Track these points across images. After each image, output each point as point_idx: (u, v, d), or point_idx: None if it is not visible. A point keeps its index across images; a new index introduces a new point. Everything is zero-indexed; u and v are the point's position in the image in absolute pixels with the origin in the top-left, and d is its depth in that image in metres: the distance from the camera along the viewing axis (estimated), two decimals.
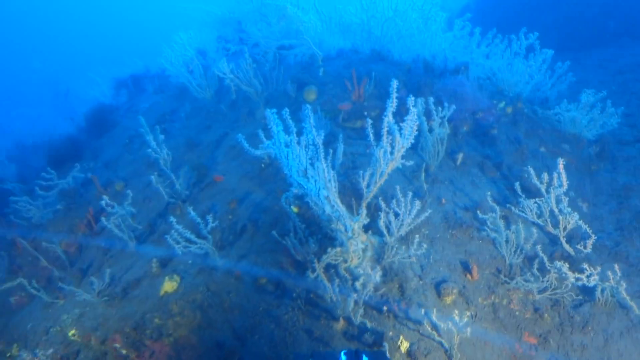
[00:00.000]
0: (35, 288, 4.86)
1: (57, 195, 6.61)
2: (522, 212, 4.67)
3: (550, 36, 10.97)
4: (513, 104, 6.18)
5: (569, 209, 4.38)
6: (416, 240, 4.03)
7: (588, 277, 3.93)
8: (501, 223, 4.38)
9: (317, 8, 7.14)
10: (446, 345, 3.60)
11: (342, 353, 2.00)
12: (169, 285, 4.15)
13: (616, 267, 4.02)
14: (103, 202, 5.01)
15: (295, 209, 4.35)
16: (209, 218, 4.33)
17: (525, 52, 6.64)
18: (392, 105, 3.59)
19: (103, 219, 5.51)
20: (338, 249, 3.76)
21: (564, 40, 11.98)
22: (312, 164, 3.84)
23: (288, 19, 6.34)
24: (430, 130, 5.15)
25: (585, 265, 3.97)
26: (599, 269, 4.03)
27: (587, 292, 4.16)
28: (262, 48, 6.60)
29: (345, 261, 3.85)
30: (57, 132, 9.05)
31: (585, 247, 4.31)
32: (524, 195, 4.66)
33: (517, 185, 4.68)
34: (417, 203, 4.06)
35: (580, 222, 4.31)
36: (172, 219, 4.22)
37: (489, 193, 4.74)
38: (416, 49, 6.96)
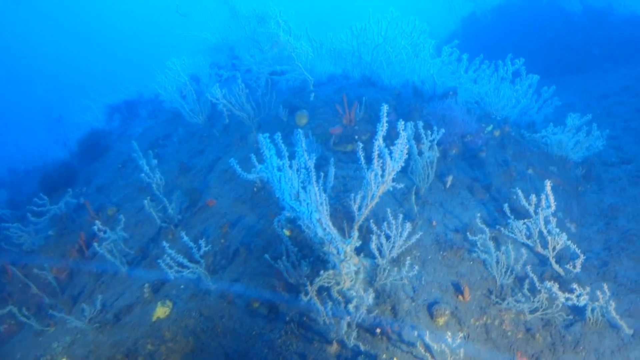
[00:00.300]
0: (26, 316, 4.83)
1: (49, 220, 6.59)
2: (512, 233, 4.73)
3: (536, 61, 11.22)
4: (501, 128, 6.30)
5: (558, 230, 4.45)
6: (408, 262, 4.07)
7: (578, 296, 3.98)
8: (491, 244, 4.43)
9: (308, 35, 7.29)
10: None
11: None
12: (161, 311, 4.15)
13: (605, 286, 4.07)
14: (95, 227, 5.02)
15: (287, 232, 4.38)
16: (202, 242, 4.36)
17: (511, 77, 6.80)
18: (382, 129, 3.67)
19: (95, 244, 5.51)
20: (330, 271, 3.80)
21: (549, 65, 12.25)
22: (304, 188, 3.89)
23: (280, 46, 6.46)
24: (420, 153, 5.23)
25: (575, 285, 4.03)
26: (588, 288, 4.09)
27: (578, 311, 4.21)
28: (255, 74, 6.70)
29: (338, 284, 3.87)
30: (49, 158, 9.08)
31: (574, 267, 4.37)
32: (512, 217, 4.73)
33: (505, 206, 4.75)
34: (408, 225, 4.12)
35: (569, 243, 4.37)
36: (164, 243, 4.23)
37: (478, 215, 4.81)
38: (405, 74, 7.10)
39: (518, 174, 5.73)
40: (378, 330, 3.77)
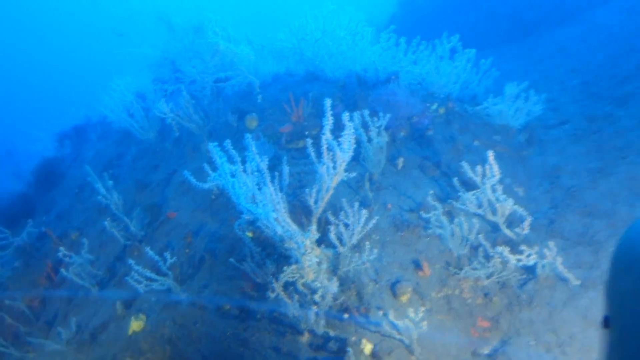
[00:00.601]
0: (3, 345, 4.87)
1: (13, 252, 6.59)
2: (463, 205, 4.96)
3: (475, 34, 11.57)
4: (445, 105, 6.54)
5: (504, 196, 4.70)
6: (367, 247, 4.26)
7: (527, 257, 4.25)
8: (445, 219, 4.66)
9: (248, 38, 7.38)
10: (406, 341, 3.83)
11: None
12: (135, 325, 4.26)
13: (551, 243, 4.34)
14: (60, 254, 5.08)
15: (249, 234, 4.52)
16: (167, 255, 4.46)
17: (450, 54, 7.04)
18: (328, 123, 3.84)
19: (62, 270, 5.54)
20: (294, 266, 3.96)
21: (488, 36, 12.62)
22: (259, 189, 4.03)
23: (221, 53, 6.54)
24: (370, 140, 5.42)
25: (524, 246, 4.30)
26: (537, 247, 4.37)
27: (530, 270, 4.47)
28: (199, 84, 6.77)
29: (302, 277, 4.04)
30: (5, 191, 8.98)
31: (523, 229, 4.63)
32: (463, 189, 4.97)
33: (455, 180, 4.99)
34: (365, 212, 4.30)
35: (516, 207, 4.63)
36: (130, 260, 4.33)
37: (431, 192, 5.04)
38: (348, 65, 7.27)
39: (465, 147, 5.99)
40: (346, 315, 3.95)
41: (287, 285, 4.07)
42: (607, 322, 1.49)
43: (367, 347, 3.77)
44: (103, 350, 4.23)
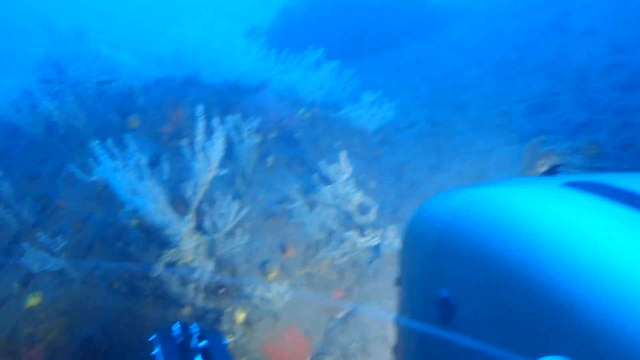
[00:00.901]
0: None
1: None
2: (322, 197, 5.82)
3: (343, 46, 12.66)
4: (310, 110, 7.40)
5: (355, 189, 5.61)
6: (239, 233, 4.95)
7: (372, 238, 5.19)
8: (306, 209, 5.47)
9: (131, 44, 7.74)
10: (273, 310, 4.58)
11: (177, 323, 2.21)
12: (33, 300, 4.60)
13: (393, 227, 5.32)
14: None
15: (135, 222, 5.01)
16: (59, 238, 4.84)
17: (316, 65, 7.94)
18: (201, 125, 4.48)
19: None
20: (174, 249, 4.55)
21: (357, 47, 13.78)
22: (140, 182, 4.56)
23: (103, 58, 6.86)
24: (242, 141, 6.10)
25: (370, 230, 5.23)
26: (381, 231, 5.32)
27: (376, 250, 5.42)
28: (83, 85, 7.04)
29: (182, 259, 4.64)
30: None
31: (370, 216, 5.57)
32: (323, 184, 5.81)
33: (315, 176, 5.82)
34: (237, 203, 4.98)
35: (364, 198, 5.56)
36: (24, 244, 4.68)
37: (296, 186, 5.83)
38: (224, 72, 7.89)
39: (327, 147, 6.87)
40: (221, 291, 4.61)
41: (168, 266, 4.64)
42: (398, 282, 1.92)
43: (241, 316, 4.46)
44: (3, 321, 4.52)
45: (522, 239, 1.24)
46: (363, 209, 5.93)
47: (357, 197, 5.62)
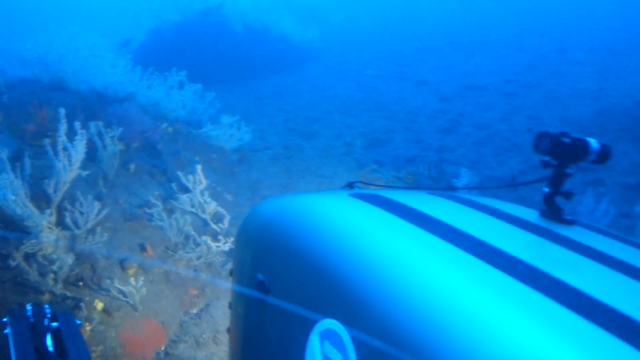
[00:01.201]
0: None
1: None
2: (181, 204, 6.26)
3: (212, 70, 13.22)
4: (173, 125, 7.84)
5: (210, 199, 6.14)
6: (100, 231, 5.23)
7: (224, 244, 5.76)
8: (165, 214, 5.89)
9: None
10: (131, 302, 4.93)
11: (29, 304, 2.28)
12: None
13: None
14: None
15: None
16: None
17: (180, 85, 8.43)
18: (64, 127, 4.80)
19: None
20: (33, 240, 4.73)
21: (222, 73, 14.35)
22: None
23: None
24: (105, 147, 6.36)
25: (221, 237, 5.80)
26: (233, 238, 5.90)
27: (229, 254, 5.98)
28: None
29: (41, 250, 4.82)
30: None
31: (224, 225, 6.14)
32: (181, 192, 6.27)
33: (174, 185, 6.27)
34: (98, 203, 5.27)
35: (219, 208, 6.12)
36: None
37: (156, 193, 6.22)
38: (90, 81, 8.05)
39: (187, 160, 7.34)
40: (81, 283, 4.86)
41: (28, 257, 4.78)
42: (231, 273, 2.25)
43: (99, 305, 4.74)
44: None
45: (312, 233, 1.59)
46: (218, 218, 6.48)
47: (212, 207, 6.16)
